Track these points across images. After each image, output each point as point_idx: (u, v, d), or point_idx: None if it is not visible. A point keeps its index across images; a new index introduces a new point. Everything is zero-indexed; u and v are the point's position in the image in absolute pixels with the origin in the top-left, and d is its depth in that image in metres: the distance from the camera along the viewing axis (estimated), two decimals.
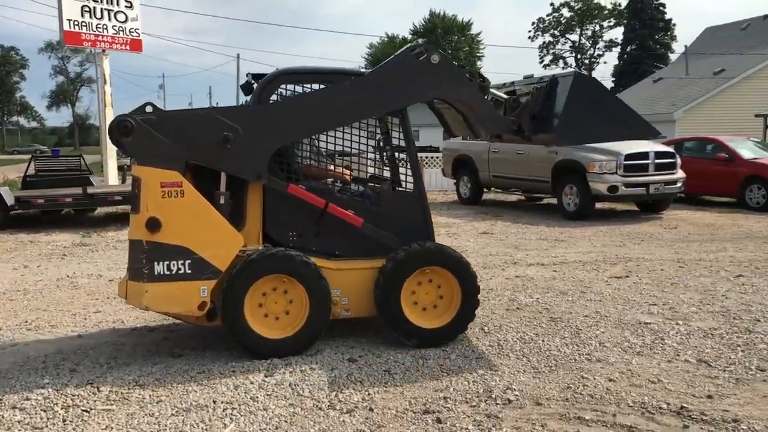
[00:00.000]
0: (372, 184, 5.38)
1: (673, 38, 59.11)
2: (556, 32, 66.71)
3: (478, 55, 67.86)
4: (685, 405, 3.91)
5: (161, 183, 4.55)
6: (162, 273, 4.55)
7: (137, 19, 17.38)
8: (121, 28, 17.04)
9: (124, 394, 4.18)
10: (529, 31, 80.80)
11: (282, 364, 4.65)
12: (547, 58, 67.64)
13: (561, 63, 66.98)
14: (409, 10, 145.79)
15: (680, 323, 5.57)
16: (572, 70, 4.85)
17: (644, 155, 12.59)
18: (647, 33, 56.98)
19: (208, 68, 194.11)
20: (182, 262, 4.57)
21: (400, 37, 67.21)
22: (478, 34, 68.94)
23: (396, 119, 5.23)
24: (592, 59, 67.54)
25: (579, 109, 4.98)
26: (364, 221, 4.99)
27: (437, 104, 5.76)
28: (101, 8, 16.62)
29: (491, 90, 5.26)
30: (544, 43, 67.26)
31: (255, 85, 5.23)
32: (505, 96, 5.37)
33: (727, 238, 10.44)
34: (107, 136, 5.40)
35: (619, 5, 62.85)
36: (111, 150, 16.84)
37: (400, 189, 5.32)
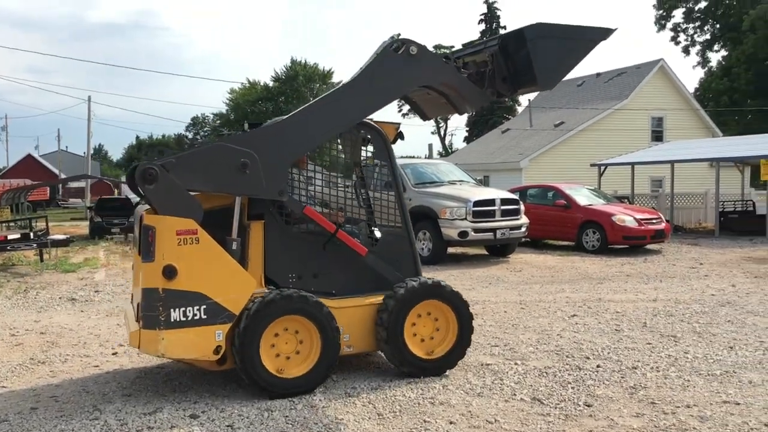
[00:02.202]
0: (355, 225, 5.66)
1: None
2: None
3: None
4: None
5: (177, 231, 4.59)
6: (178, 320, 4.58)
7: None
8: None
9: None
10: None
11: (117, 424, 4.41)
12: (406, 107, 70.14)
13: None
14: (269, 57, 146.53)
15: (518, 363, 5.86)
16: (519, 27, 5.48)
17: (491, 202, 13.25)
18: None
19: (57, 110, 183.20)
20: (198, 307, 4.63)
21: (262, 83, 67.34)
22: (339, 82, 70.39)
23: (384, 162, 5.62)
24: None
25: (544, 53, 5.28)
26: (368, 250, 5.24)
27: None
28: None
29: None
30: None
31: None
32: (464, 71, 5.59)
33: (565, 279, 11.18)
34: None
35: None
36: None
37: (389, 228, 5.62)
